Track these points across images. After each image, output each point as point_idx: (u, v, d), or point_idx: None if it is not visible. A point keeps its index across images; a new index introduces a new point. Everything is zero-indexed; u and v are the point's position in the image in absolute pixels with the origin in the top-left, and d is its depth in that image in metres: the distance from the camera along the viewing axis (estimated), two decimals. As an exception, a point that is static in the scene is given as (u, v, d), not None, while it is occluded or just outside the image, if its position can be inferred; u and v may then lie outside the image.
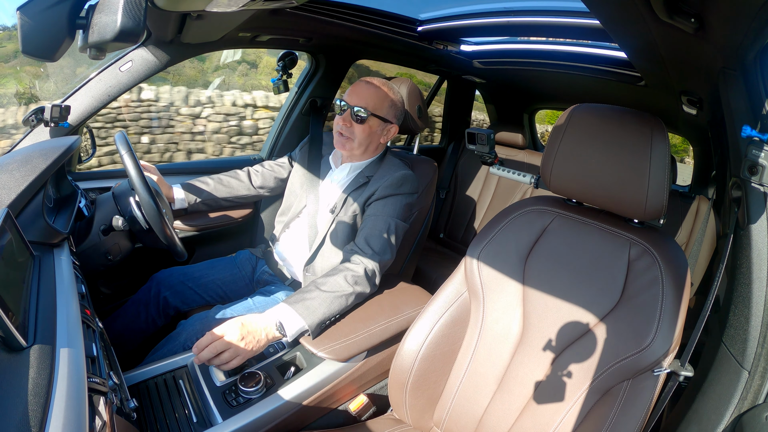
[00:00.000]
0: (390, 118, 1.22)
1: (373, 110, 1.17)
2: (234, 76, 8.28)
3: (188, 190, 1.31)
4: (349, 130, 1.18)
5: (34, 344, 0.47)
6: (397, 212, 1.17)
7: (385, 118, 1.20)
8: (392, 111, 1.22)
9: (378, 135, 1.22)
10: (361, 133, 1.18)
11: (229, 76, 8.20)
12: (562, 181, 0.88)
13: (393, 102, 1.22)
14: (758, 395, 0.72)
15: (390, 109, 1.21)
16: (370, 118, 1.18)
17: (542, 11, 1.28)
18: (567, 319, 0.84)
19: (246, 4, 0.70)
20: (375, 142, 1.23)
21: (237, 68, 8.38)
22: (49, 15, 0.55)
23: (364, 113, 1.16)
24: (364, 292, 1.05)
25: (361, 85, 1.19)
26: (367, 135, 1.19)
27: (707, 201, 1.80)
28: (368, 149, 1.24)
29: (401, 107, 1.26)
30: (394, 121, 1.23)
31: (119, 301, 1.35)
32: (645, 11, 0.65)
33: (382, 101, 1.19)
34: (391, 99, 1.21)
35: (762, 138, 0.67)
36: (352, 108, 1.17)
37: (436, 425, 0.97)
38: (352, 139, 1.19)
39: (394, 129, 1.25)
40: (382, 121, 1.20)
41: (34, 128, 1.14)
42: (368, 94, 1.17)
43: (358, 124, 1.17)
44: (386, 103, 1.20)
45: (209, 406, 0.82)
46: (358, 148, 1.21)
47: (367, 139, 1.20)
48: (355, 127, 1.18)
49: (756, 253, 0.74)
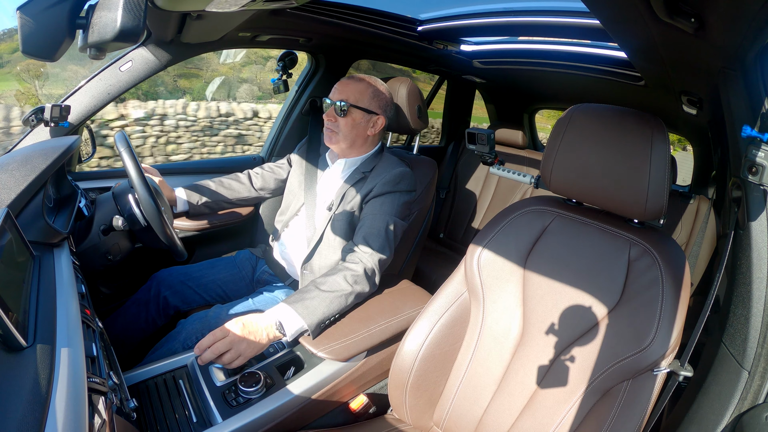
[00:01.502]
0: (374, 109, 1.22)
1: (354, 102, 1.19)
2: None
3: (190, 192, 1.31)
4: (334, 124, 1.21)
5: (34, 344, 0.47)
6: (395, 210, 1.17)
7: (367, 108, 1.21)
8: (375, 102, 1.22)
9: (363, 127, 1.23)
10: (345, 125, 1.20)
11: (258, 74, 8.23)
12: (562, 181, 0.88)
13: (376, 92, 1.22)
14: (758, 395, 0.72)
15: (373, 99, 1.22)
16: (352, 110, 1.19)
17: (542, 11, 1.28)
18: (567, 320, 0.84)
19: (246, 4, 0.70)
20: (362, 134, 1.23)
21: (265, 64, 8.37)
22: (49, 15, 0.55)
23: (345, 106, 1.18)
24: (363, 291, 1.05)
25: (342, 82, 1.23)
26: (351, 127, 1.21)
27: (707, 201, 1.80)
28: (356, 142, 1.24)
29: (387, 99, 1.26)
30: (379, 112, 1.23)
31: (119, 301, 1.35)
32: (645, 11, 0.65)
33: (363, 93, 1.20)
34: (372, 90, 1.22)
35: (762, 138, 0.67)
36: (335, 103, 1.20)
37: (436, 425, 0.97)
38: (337, 133, 1.21)
39: (381, 120, 1.25)
40: (365, 113, 1.21)
41: (34, 128, 1.14)
42: (349, 88, 1.20)
43: (342, 118, 1.20)
44: (367, 95, 1.21)
45: (209, 406, 0.82)
46: (344, 141, 1.22)
47: (352, 131, 1.21)
48: (339, 121, 1.20)
49: (756, 253, 0.74)
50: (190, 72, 8.35)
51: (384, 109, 1.25)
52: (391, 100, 1.28)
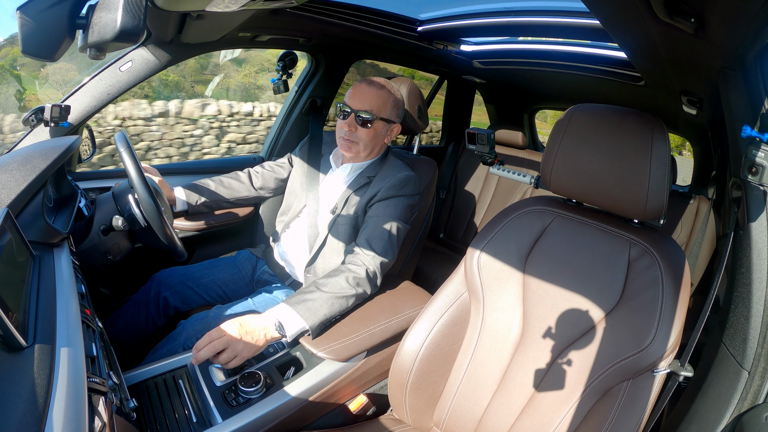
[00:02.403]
0: (393, 118, 1.22)
1: (378, 113, 1.16)
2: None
3: (189, 191, 1.30)
4: (354, 134, 1.17)
5: (34, 344, 0.47)
6: (399, 214, 1.16)
7: (388, 119, 1.20)
8: (395, 111, 1.22)
9: (383, 136, 1.23)
10: (366, 136, 1.18)
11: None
12: (563, 181, 0.88)
13: (395, 101, 1.21)
14: (758, 395, 0.72)
15: (393, 109, 1.21)
16: (376, 122, 1.16)
17: (542, 11, 1.28)
18: (567, 320, 0.84)
19: (246, 4, 0.70)
20: (380, 143, 1.23)
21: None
22: (49, 15, 0.55)
23: (369, 116, 1.14)
24: (365, 293, 1.05)
25: (362, 87, 1.18)
26: (372, 138, 1.19)
27: (707, 201, 1.80)
28: (373, 151, 1.25)
29: (402, 105, 1.26)
30: (397, 120, 1.23)
31: (119, 301, 1.35)
32: (645, 11, 0.65)
33: (385, 102, 1.18)
34: (393, 99, 1.20)
35: (762, 138, 0.67)
36: (356, 112, 1.15)
37: (436, 425, 0.97)
38: (357, 143, 1.19)
39: (397, 128, 1.25)
40: (386, 123, 1.20)
41: (34, 128, 1.14)
42: (371, 96, 1.16)
43: (363, 128, 1.16)
44: (389, 104, 1.19)
45: (209, 406, 0.82)
46: (364, 150, 1.21)
47: (372, 141, 1.20)
48: (359, 131, 1.17)
49: (756, 253, 0.74)
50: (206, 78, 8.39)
51: (400, 116, 1.24)
52: (403, 104, 1.27)
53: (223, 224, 1.47)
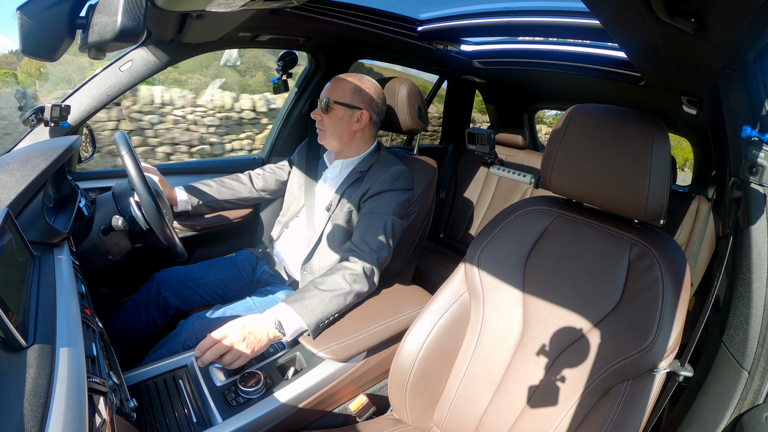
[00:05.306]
0: (356, 103, 1.23)
1: (335, 98, 1.22)
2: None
3: (191, 192, 1.31)
4: (320, 122, 1.25)
5: (34, 344, 0.47)
6: (392, 209, 1.17)
7: (349, 104, 1.22)
8: (357, 97, 1.23)
9: (347, 122, 1.23)
10: (329, 122, 1.23)
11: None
12: (563, 181, 0.88)
13: (357, 89, 1.23)
14: (758, 395, 0.72)
15: (354, 95, 1.23)
16: (333, 106, 1.22)
17: (542, 11, 1.28)
18: (567, 320, 0.84)
19: (246, 4, 0.71)
20: (347, 129, 1.24)
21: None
22: (49, 15, 0.55)
23: (326, 101, 1.22)
24: (362, 290, 1.05)
25: (329, 83, 1.26)
26: (335, 123, 1.23)
27: (707, 201, 1.80)
28: (343, 138, 1.25)
29: (372, 95, 1.26)
30: (362, 106, 1.24)
31: (119, 301, 1.35)
32: (645, 11, 0.65)
33: (344, 90, 1.23)
34: (353, 86, 1.23)
35: (762, 138, 0.67)
36: (319, 102, 1.24)
37: (436, 425, 0.97)
38: (324, 130, 1.25)
39: (365, 114, 1.25)
40: (346, 108, 1.22)
41: (34, 128, 1.14)
42: (332, 87, 1.25)
43: (325, 114, 1.23)
44: (348, 91, 1.23)
45: (209, 406, 0.82)
46: (331, 137, 1.24)
47: (337, 126, 1.23)
48: (324, 119, 1.23)
49: (756, 253, 0.74)
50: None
51: (368, 104, 1.25)
52: (378, 96, 1.28)
53: (223, 224, 1.47)
